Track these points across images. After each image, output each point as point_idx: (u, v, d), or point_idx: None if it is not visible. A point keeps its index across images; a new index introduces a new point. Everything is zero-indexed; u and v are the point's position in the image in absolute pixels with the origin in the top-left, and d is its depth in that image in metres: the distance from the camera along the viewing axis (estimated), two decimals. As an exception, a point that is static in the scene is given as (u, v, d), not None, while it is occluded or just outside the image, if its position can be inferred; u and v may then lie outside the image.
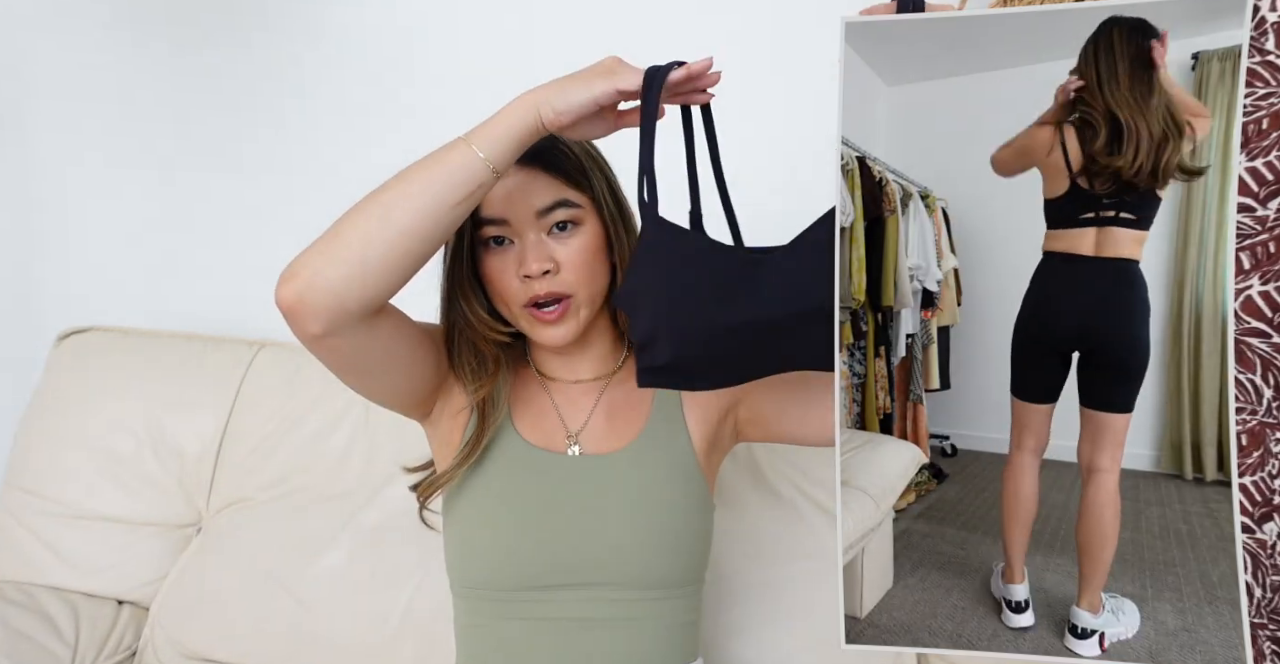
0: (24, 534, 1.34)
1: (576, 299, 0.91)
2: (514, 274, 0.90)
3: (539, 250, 0.90)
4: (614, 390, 0.99)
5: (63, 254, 1.68)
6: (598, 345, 0.99)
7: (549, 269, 0.89)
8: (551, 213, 0.90)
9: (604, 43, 1.56)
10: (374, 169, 1.34)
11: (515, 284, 0.90)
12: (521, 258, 0.90)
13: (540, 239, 0.90)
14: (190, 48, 1.63)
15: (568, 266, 0.90)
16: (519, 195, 0.90)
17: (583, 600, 0.90)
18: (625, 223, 0.96)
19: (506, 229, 0.91)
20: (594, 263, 0.92)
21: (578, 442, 0.95)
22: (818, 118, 1.41)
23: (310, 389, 1.37)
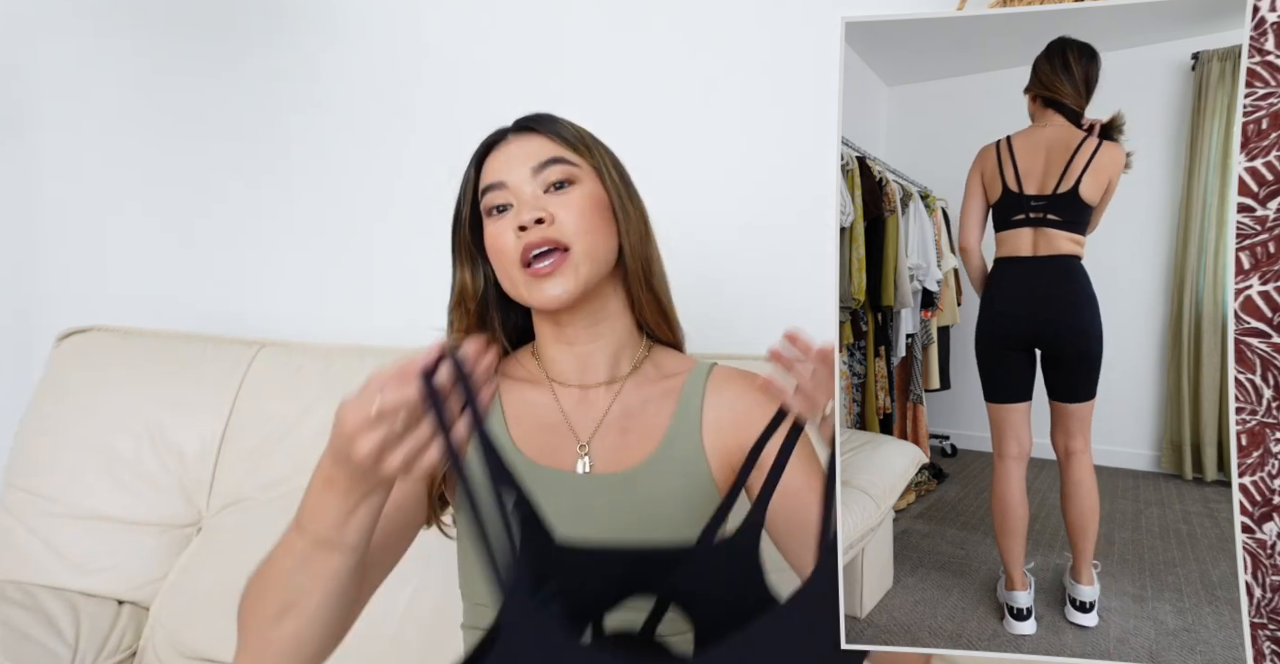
0: (24, 534, 1.34)
1: (574, 252, 0.88)
2: (511, 231, 0.89)
3: (533, 202, 0.89)
4: (628, 395, 0.94)
5: (63, 254, 1.68)
6: (610, 336, 0.94)
7: (542, 218, 0.88)
8: (547, 168, 0.90)
9: (604, 42, 1.56)
10: (374, 169, 1.36)
11: (513, 241, 0.88)
12: (516, 211, 0.89)
13: (536, 193, 0.90)
14: (191, 48, 1.63)
15: (563, 216, 0.88)
16: (517, 156, 0.91)
17: None
18: (630, 196, 0.95)
19: (505, 192, 0.90)
20: (593, 217, 0.90)
21: (589, 453, 0.91)
22: (817, 118, 1.41)
23: (310, 389, 1.37)
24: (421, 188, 1.60)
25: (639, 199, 0.96)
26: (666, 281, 0.98)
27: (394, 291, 1.63)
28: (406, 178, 1.61)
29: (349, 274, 1.64)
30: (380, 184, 1.62)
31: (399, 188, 1.61)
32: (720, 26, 1.56)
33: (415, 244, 1.61)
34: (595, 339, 0.93)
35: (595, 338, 0.93)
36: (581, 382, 0.94)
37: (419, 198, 1.60)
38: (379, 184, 1.62)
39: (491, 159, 0.94)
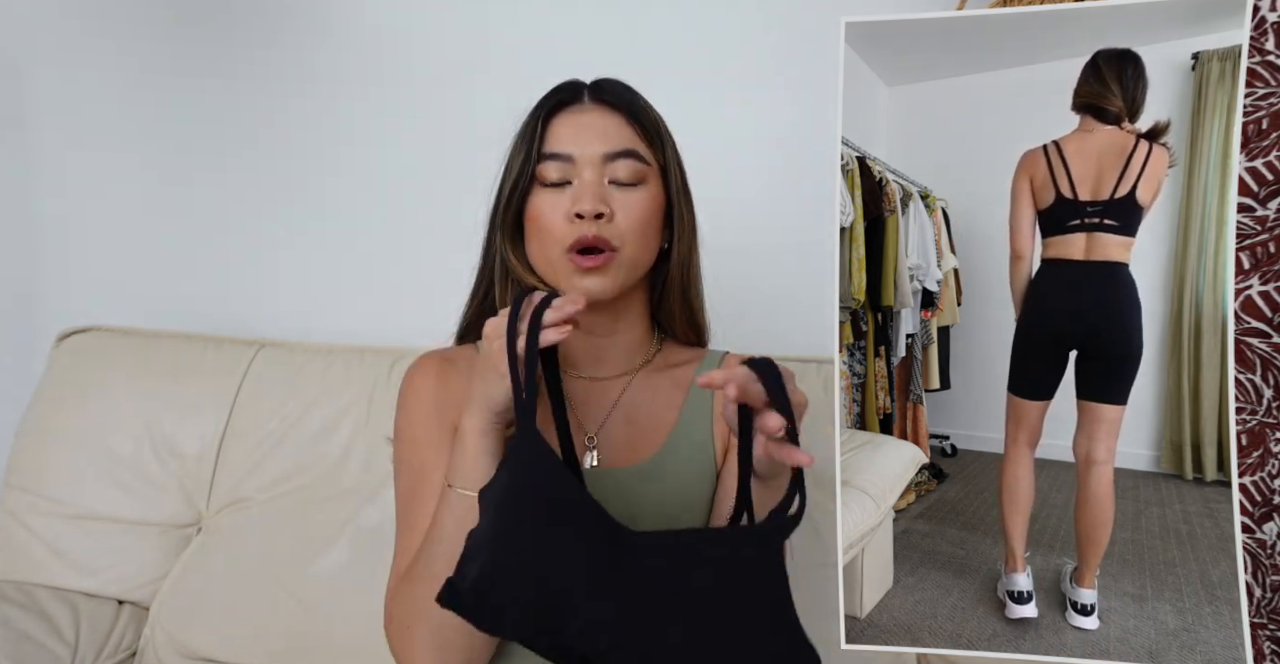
0: (24, 534, 1.34)
1: (621, 255, 0.84)
2: (564, 213, 0.83)
3: (597, 190, 0.83)
4: (635, 390, 0.92)
5: (63, 254, 1.68)
6: (628, 332, 0.92)
7: (603, 212, 0.82)
8: (618, 161, 0.84)
9: (605, 42, 1.56)
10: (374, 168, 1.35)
11: (563, 224, 0.83)
12: (577, 196, 0.82)
13: (600, 181, 0.83)
14: (191, 48, 1.63)
15: (623, 217, 0.83)
16: (590, 133, 0.84)
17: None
18: (688, 201, 0.90)
19: (568, 167, 0.84)
20: (648, 225, 0.86)
21: (596, 445, 0.89)
22: (817, 118, 1.41)
23: (310, 389, 1.37)
24: (422, 187, 1.60)
25: (693, 204, 0.91)
26: (702, 293, 0.95)
27: (394, 291, 1.62)
28: (406, 177, 1.61)
29: (349, 274, 1.64)
30: (381, 184, 1.62)
31: (399, 187, 1.61)
32: (720, 26, 1.56)
33: (416, 243, 1.61)
34: (612, 333, 0.92)
35: (613, 332, 0.92)
36: (593, 374, 0.92)
37: (419, 197, 1.60)
38: (379, 184, 1.62)
39: (560, 123, 0.86)
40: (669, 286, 0.91)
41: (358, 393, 1.36)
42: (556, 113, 0.87)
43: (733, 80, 1.56)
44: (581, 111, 0.86)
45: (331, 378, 1.38)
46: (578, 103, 0.87)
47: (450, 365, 0.93)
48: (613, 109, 0.86)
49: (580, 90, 0.88)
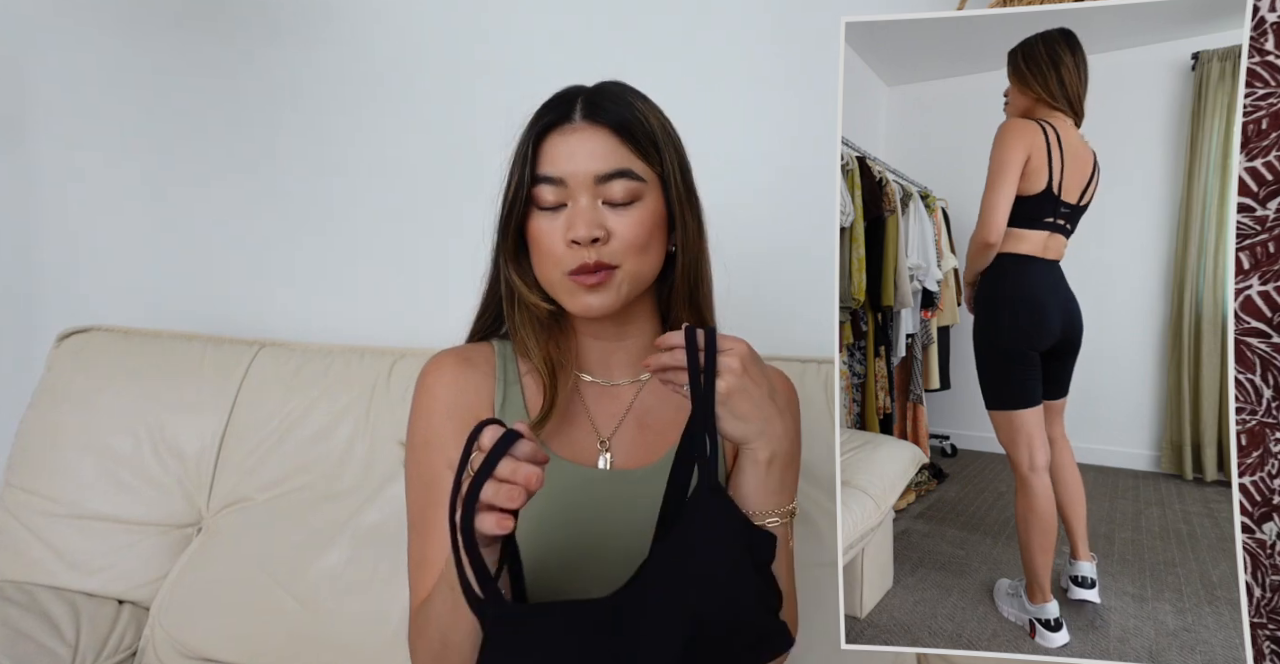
0: (24, 534, 1.34)
1: (621, 271, 0.85)
2: (561, 238, 0.84)
3: (591, 216, 0.83)
4: (646, 396, 0.94)
5: (63, 254, 1.68)
6: (638, 336, 0.93)
7: (599, 237, 0.83)
8: (611, 182, 0.84)
9: (605, 43, 1.56)
10: (374, 169, 1.35)
11: (561, 249, 0.84)
12: (572, 222, 0.83)
13: (594, 205, 0.84)
14: (191, 48, 1.63)
15: (619, 237, 0.84)
16: (581, 154, 0.84)
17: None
18: (691, 206, 0.90)
19: (562, 191, 0.84)
20: (648, 239, 0.86)
21: (610, 449, 0.90)
22: (818, 118, 1.41)
23: (310, 389, 1.37)
24: (422, 188, 1.60)
25: (699, 206, 0.91)
26: (711, 296, 0.95)
27: (394, 291, 1.62)
28: (407, 177, 1.61)
29: (349, 274, 1.64)
30: (381, 184, 1.62)
31: (399, 187, 1.61)
32: (720, 27, 1.56)
33: (416, 243, 1.61)
34: (621, 338, 0.93)
35: (621, 337, 0.93)
36: (605, 378, 0.94)
37: (420, 198, 1.60)
38: (379, 184, 1.62)
39: (552, 143, 0.86)
40: (676, 292, 0.92)
41: (358, 393, 1.36)
42: (548, 133, 0.86)
43: (733, 81, 1.56)
44: (572, 131, 0.86)
45: (331, 378, 1.39)
46: (568, 122, 0.86)
47: (468, 365, 0.93)
48: (604, 126, 0.85)
49: (571, 107, 0.87)
